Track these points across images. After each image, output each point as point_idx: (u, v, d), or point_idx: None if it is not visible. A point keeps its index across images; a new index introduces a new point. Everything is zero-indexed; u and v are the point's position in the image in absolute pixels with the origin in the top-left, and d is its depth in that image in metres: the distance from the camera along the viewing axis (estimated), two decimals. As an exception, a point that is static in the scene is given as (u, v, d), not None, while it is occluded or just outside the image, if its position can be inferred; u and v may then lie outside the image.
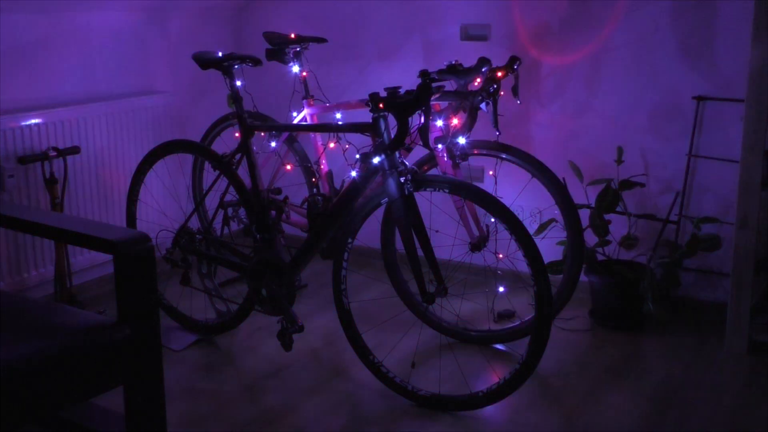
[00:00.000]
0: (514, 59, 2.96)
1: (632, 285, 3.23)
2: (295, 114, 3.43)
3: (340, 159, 2.94)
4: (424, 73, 2.65)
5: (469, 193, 2.57)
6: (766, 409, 2.68)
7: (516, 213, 2.59)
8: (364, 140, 2.70)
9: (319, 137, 3.37)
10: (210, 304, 3.31)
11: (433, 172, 3.07)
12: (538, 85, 3.55)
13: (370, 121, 2.59)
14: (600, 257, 3.36)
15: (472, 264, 3.28)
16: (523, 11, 3.54)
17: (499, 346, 3.11)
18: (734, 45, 3.16)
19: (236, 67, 3.02)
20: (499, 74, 2.90)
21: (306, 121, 3.42)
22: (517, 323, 3.15)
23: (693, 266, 3.36)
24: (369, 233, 2.98)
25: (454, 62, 2.94)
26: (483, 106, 2.87)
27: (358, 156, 2.65)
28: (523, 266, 2.58)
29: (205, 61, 3.04)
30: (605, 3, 3.38)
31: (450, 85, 2.89)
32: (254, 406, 2.74)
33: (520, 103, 3.03)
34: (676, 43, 3.28)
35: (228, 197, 3.15)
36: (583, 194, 3.33)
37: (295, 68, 3.41)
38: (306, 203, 2.92)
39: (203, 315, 3.28)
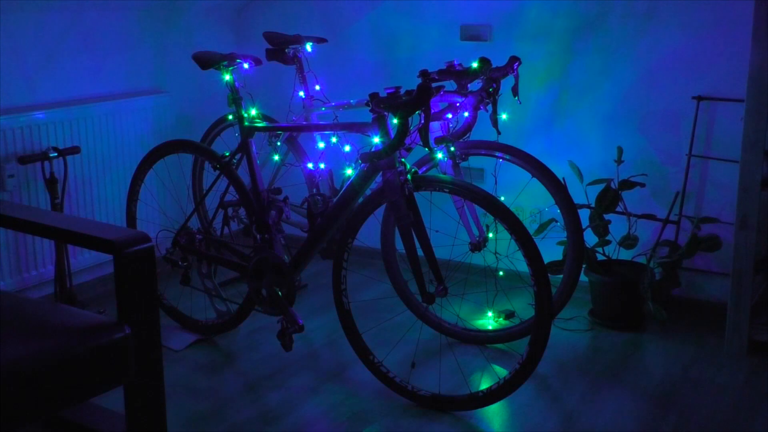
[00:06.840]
0: (513, 59, 2.96)
1: (632, 285, 3.23)
2: (294, 114, 3.44)
3: (340, 159, 2.94)
4: (424, 73, 2.65)
5: (470, 193, 2.57)
6: (766, 409, 2.68)
7: (516, 213, 2.59)
8: (364, 140, 2.70)
9: (319, 137, 3.37)
10: (210, 304, 3.31)
11: (433, 172, 3.07)
12: (538, 85, 3.55)
13: (370, 121, 2.59)
14: (600, 257, 3.36)
15: (472, 264, 3.28)
16: (522, 11, 3.54)
17: (499, 346, 3.11)
18: (734, 45, 3.15)
19: (236, 67, 3.02)
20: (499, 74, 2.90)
21: (306, 121, 3.42)
22: (517, 323, 3.16)
23: (693, 266, 3.36)
24: (369, 233, 2.98)
25: (454, 62, 2.94)
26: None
27: (358, 156, 2.65)
28: (523, 266, 2.58)
29: (205, 61, 3.05)
30: (605, 3, 3.38)
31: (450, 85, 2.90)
32: (254, 406, 2.74)
33: (521, 103, 3.03)
34: (676, 42, 3.28)
35: (228, 197, 3.15)
36: (583, 194, 3.32)
37: (295, 68, 3.41)
38: (306, 203, 2.92)
39: (203, 315, 3.28)
